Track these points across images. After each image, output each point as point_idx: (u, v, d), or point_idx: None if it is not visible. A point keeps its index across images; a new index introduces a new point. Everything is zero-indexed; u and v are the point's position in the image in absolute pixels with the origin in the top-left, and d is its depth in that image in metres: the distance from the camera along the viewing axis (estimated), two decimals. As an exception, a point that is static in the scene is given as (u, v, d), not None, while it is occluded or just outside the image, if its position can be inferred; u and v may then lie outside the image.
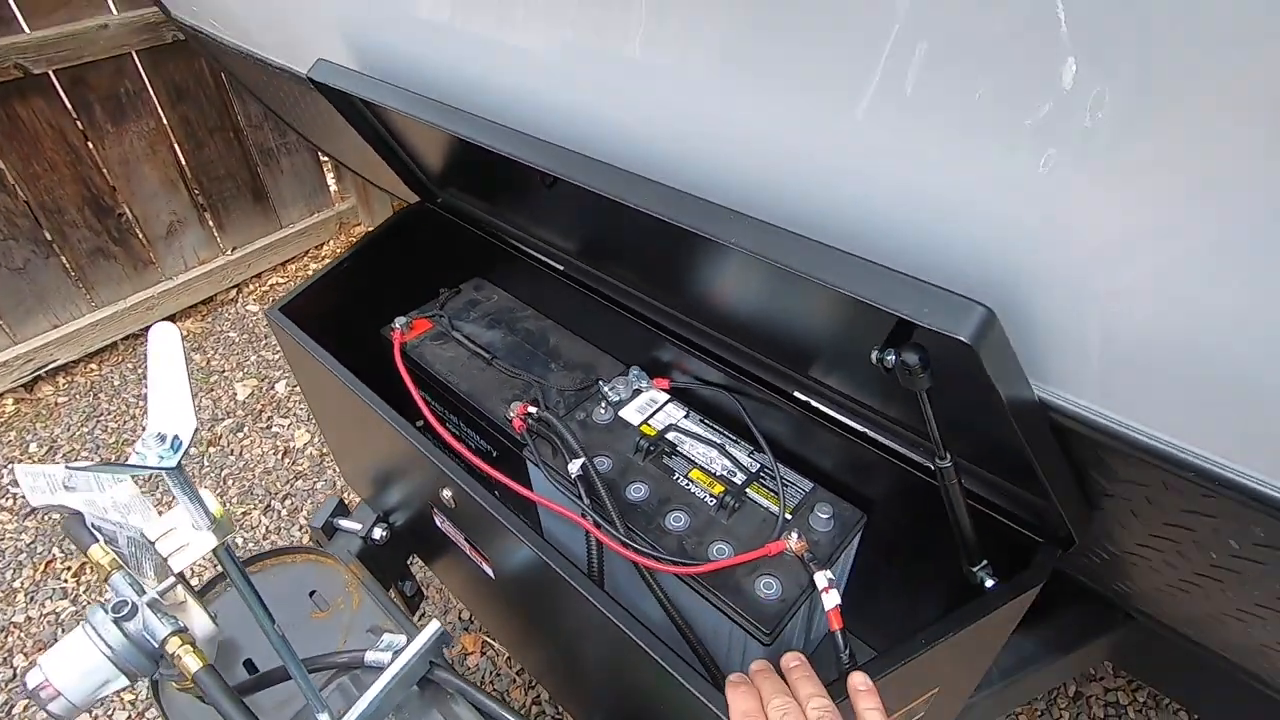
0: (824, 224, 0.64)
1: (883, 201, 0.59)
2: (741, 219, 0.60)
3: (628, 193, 0.64)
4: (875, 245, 0.61)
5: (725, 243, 0.60)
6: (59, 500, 0.77)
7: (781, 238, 0.57)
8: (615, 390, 1.11)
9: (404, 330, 1.24)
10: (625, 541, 0.88)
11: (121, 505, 0.79)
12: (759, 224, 0.60)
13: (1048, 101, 0.46)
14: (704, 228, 0.60)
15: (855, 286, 0.53)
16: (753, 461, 1.02)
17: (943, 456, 0.67)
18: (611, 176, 0.66)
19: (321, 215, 3.15)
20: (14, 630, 1.90)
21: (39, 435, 2.40)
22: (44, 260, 2.41)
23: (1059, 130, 0.46)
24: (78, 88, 2.29)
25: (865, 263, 0.54)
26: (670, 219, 0.62)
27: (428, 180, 1.31)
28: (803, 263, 0.54)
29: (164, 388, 0.60)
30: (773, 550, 0.87)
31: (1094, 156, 0.46)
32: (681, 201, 0.62)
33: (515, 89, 0.88)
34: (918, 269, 0.53)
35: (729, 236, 0.60)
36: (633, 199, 0.65)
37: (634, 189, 0.65)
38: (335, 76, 0.96)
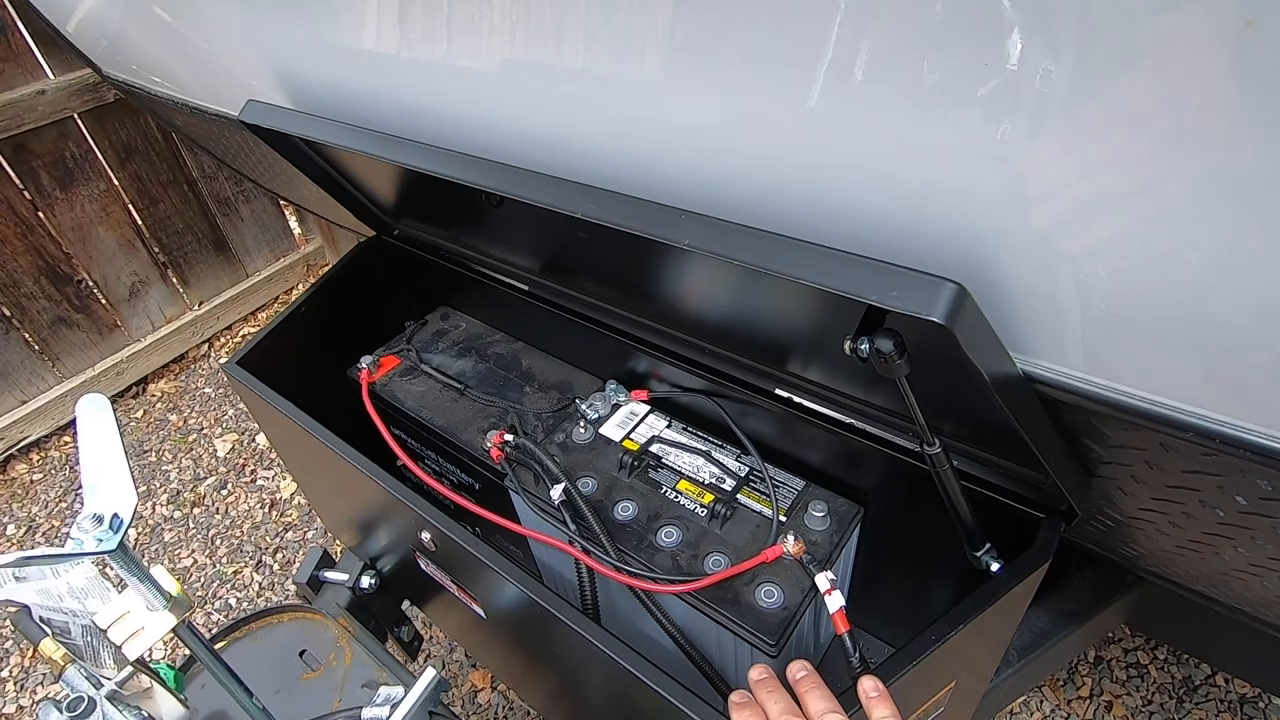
0: (782, 217, 0.61)
1: (839, 187, 0.56)
2: (691, 218, 0.57)
3: (570, 202, 0.61)
4: (836, 233, 0.59)
5: (677, 243, 0.57)
6: (8, 594, 0.72)
7: (733, 233, 0.54)
8: (593, 407, 1.08)
9: (371, 369, 1.20)
10: (617, 565, 0.85)
11: (78, 590, 0.75)
12: (710, 221, 0.57)
13: (998, 70, 0.43)
14: (653, 230, 0.57)
15: (815, 276, 0.50)
16: (741, 465, 0.98)
17: (931, 443, 0.64)
18: (554, 188, 0.63)
19: (287, 260, 3.10)
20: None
21: (16, 516, 2.33)
22: (3, 336, 2.35)
23: (1012, 96, 0.44)
24: (20, 155, 2.23)
25: (824, 250, 0.51)
26: (617, 225, 0.59)
27: (381, 213, 1.28)
28: (758, 256, 0.51)
29: (97, 463, 0.56)
30: (770, 556, 0.84)
31: (1049, 120, 0.43)
32: (627, 206, 0.59)
33: (453, 110, 0.85)
34: (882, 253, 0.50)
35: (680, 237, 0.57)
36: (577, 208, 0.61)
37: (577, 198, 0.61)
38: (268, 116, 0.93)
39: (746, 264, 0.52)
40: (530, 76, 0.71)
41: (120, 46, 1.41)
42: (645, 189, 0.67)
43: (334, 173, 1.15)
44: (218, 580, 2.12)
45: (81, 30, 1.45)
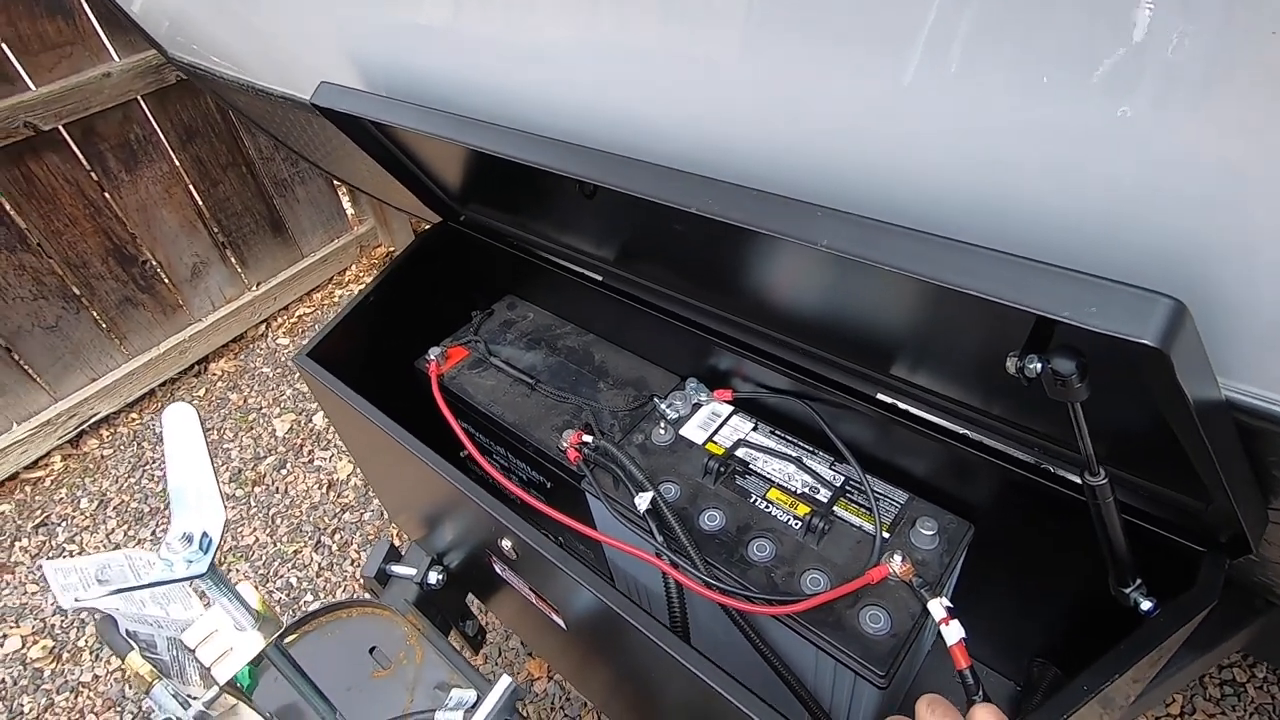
0: (925, 215, 0.53)
1: (1007, 184, 0.48)
2: (829, 215, 0.50)
3: (687, 197, 0.55)
4: (997, 237, 0.51)
5: (812, 245, 0.50)
6: (92, 599, 0.70)
7: (883, 234, 0.47)
8: (673, 407, 1.02)
9: (439, 361, 1.16)
10: (708, 581, 0.79)
11: (159, 595, 0.73)
12: (851, 219, 0.49)
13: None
14: (784, 229, 0.50)
15: (993, 287, 0.42)
16: (836, 474, 0.92)
17: (1095, 472, 0.56)
18: (667, 180, 0.56)
19: (341, 241, 3.11)
20: (83, 690, 1.89)
21: (89, 490, 2.40)
22: (75, 315, 2.41)
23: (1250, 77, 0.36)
24: (89, 139, 2.26)
25: (1001, 257, 0.43)
26: (740, 222, 0.52)
27: (447, 198, 1.23)
28: (918, 263, 0.44)
29: (185, 477, 0.53)
30: (875, 577, 0.77)
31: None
32: (752, 201, 0.52)
33: (536, 93, 0.79)
34: (1057, 259, 0.42)
35: (816, 237, 0.50)
36: (693, 203, 0.55)
37: (695, 192, 0.55)
38: (341, 99, 0.88)
39: (902, 271, 0.45)
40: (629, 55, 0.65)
41: (184, 27, 1.39)
42: (754, 178, 0.60)
43: (402, 157, 1.11)
44: (279, 559, 2.15)
45: (146, 11, 1.43)
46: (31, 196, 2.19)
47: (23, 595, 2.11)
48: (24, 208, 2.19)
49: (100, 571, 0.75)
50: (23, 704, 1.86)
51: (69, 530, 2.28)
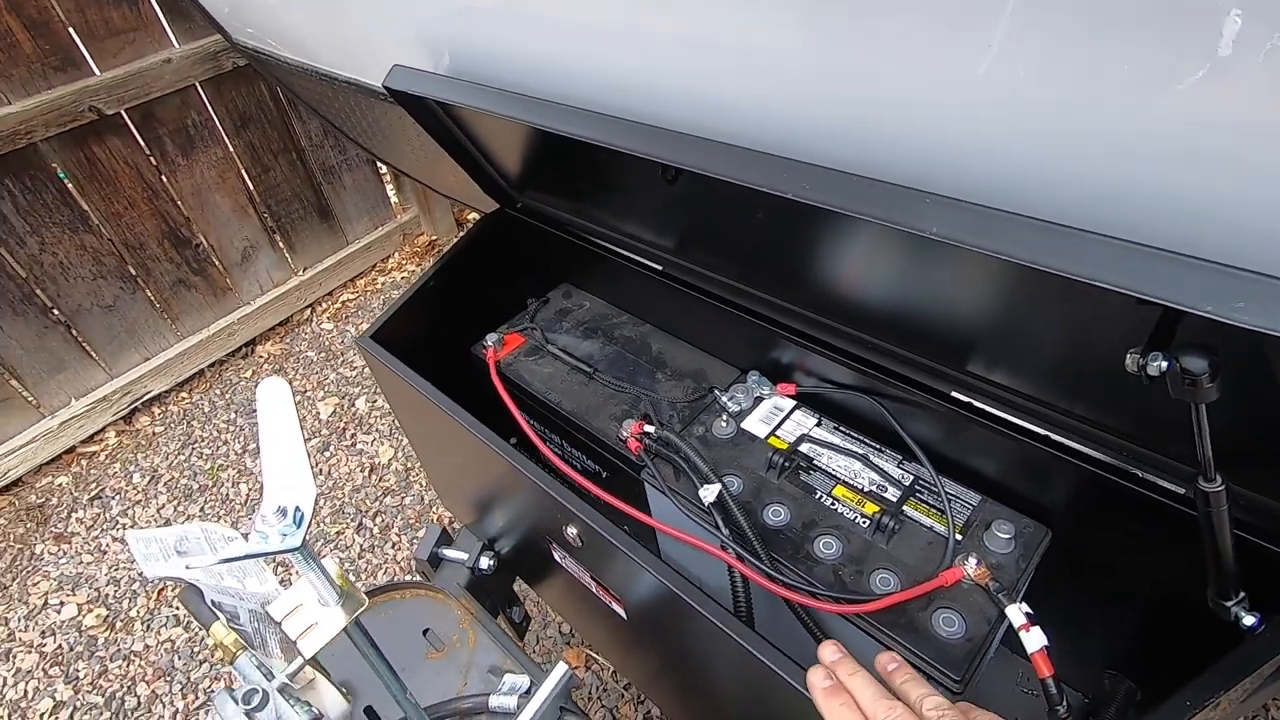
0: (1034, 200, 0.51)
1: (1132, 169, 0.46)
2: (937, 202, 0.48)
3: (787, 183, 0.53)
4: (1114, 224, 0.49)
5: (921, 232, 0.48)
6: (172, 569, 0.72)
7: (998, 222, 0.45)
8: (734, 399, 1.00)
9: (496, 348, 1.16)
10: (774, 575, 0.78)
11: (237, 567, 0.74)
12: (962, 206, 0.48)
13: None
14: (889, 216, 0.49)
15: (1128, 280, 0.40)
16: (904, 473, 0.90)
17: (1211, 478, 0.53)
18: (766, 166, 0.55)
19: (385, 228, 3.15)
20: (134, 659, 1.95)
21: (140, 465, 2.47)
22: (131, 296, 2.47)
23: None
24: (148, 123, 2.31)
25: (1132, 248, 0.41)
26: (847, 210, 0.50)
27: (506, 185, 1.23)
28: (1041, 253, 0.42)
29: (278, 451, 0.53)
30: (948, 579, 0.75)
31: None
32: (858, 189, 0.51)
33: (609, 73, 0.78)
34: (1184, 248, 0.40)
35: (925, 224, 0.48)
36: (793, 190, 0.53)
37: (795, 178, 0.53)
38: (414, 82, 0.88)
39: (1024, 262, 0.43)
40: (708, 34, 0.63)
41: (248, 12, 1.41)
42: (838, 161, 0.59)
43: (466, 142, 1.11)
44: (322, 539, 2.19)
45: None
46: (94, 179, 2.26)
47: (79, 565, 2.18)
48: (86, 189, 2.26)
49: (179, 543, 0.76)
50: (78, 669, 1.92)
51: (122, 504, 2.35)
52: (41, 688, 1.89)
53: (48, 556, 2.20)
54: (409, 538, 2.18)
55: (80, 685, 1.89)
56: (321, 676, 0.63)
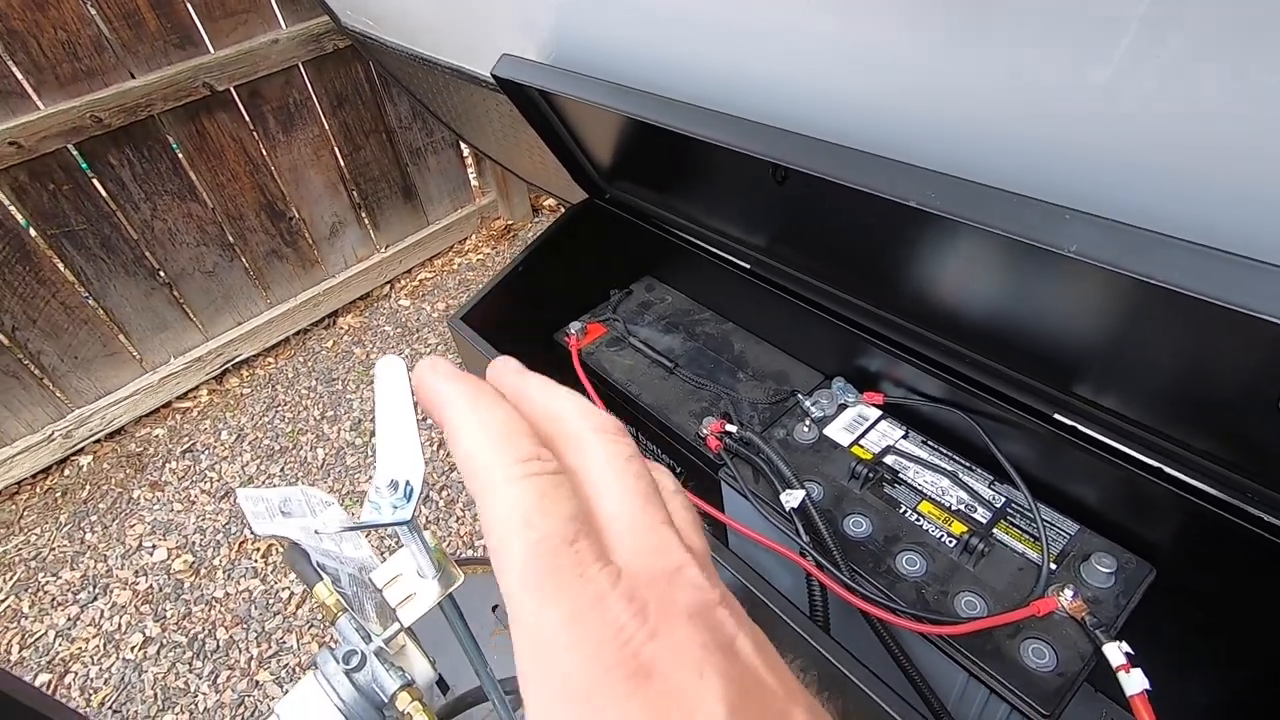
0: (1187, 220, 0.48)
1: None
2: (1087, 221, 0.46)
3: (912, 191, 0.52)
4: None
5: (1058, 250, 0.46)
6: (277, 527, 0.76)
7: (1163, 248, 0.43)
8: (818, 405, 0.99)
9: (579, 336, 1.18)
10: (854, 587, 0.76)
11: (333, 535, 0.77)
12: (1108, 226, 0.45)
13: None
14: (1031, 235, 0.46)
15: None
16: (995, 494, 0.86)
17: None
18: (892, 173, 0.54)
19: (464, 211, 3.23)
20: (215, 604, 2.08)
21: (229, 424, 2.62)
22: (229, 263, 2.62)
23: None
24: (254, 100, 2.44)
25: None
26: (979, 223, 0.48)
27: (598, 175, 1.24)
28: (1210, 285, 0.40)
29: (392, 427, 0.55)
30: (1041, 609, 0.72)
31: None
32: (991, 202, 0.49)
33: (718, 66, 0.77)
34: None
35: (1063, 242, 0.46)
36: (918, 198, 0.52)
37: (920, 186, 0.52)
38: (522, 72, 0.90)
39: (1178, 288, 0.41)
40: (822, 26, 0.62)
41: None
42: (960, 167, 0.56)
43: (563, 130, 1.12)
44: (391, 508, 2.27)
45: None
46: (203, 151, 2.39)
47: (170, 512, 2.34)
48: (195, 161, 2.40)
49: (283, 504, 0.80)
50: (165, 610, 2.06)
51: (210, 459, 2.50)
52: (133, 623, 2.04)
53: (143, 502, 2.37)
54: (471, 513, 2.24)
55: (167, 624, 2.03)
56: (413, 644, 0.65)
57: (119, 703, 1.87)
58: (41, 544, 2.28)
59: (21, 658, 1.98)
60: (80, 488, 2.44)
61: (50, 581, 2.17)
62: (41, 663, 1.97)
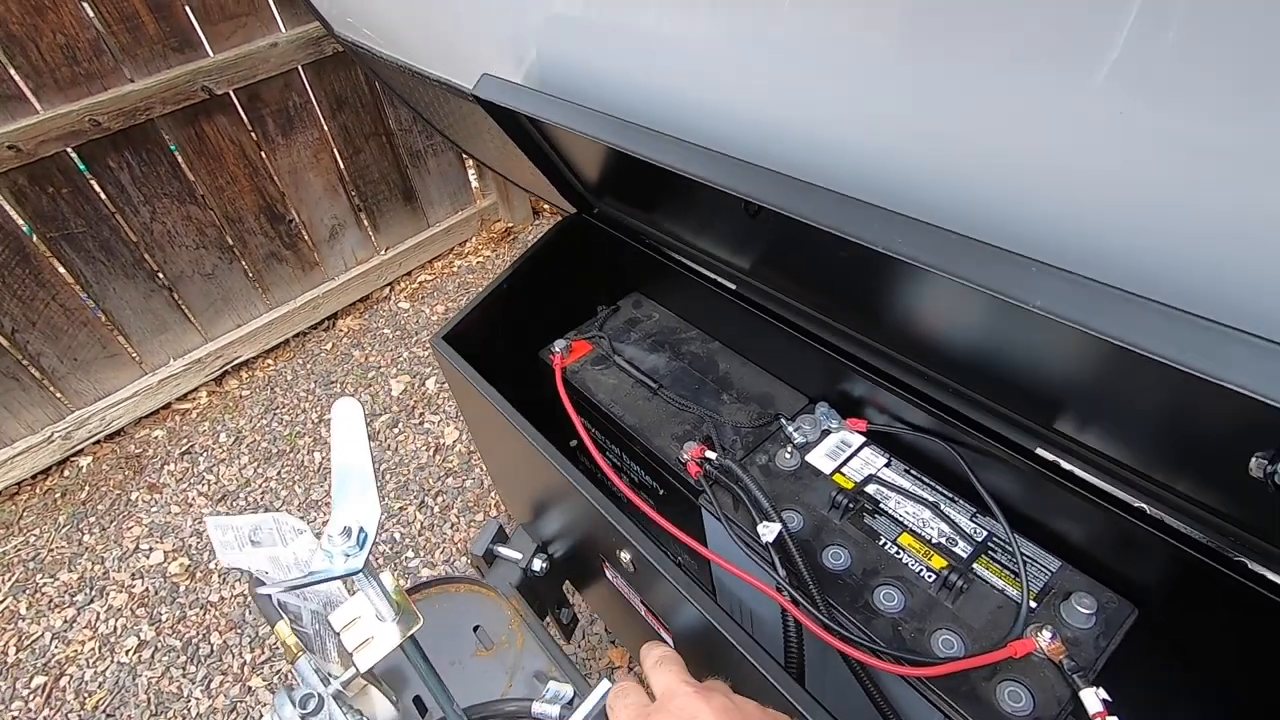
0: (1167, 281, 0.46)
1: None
2: (1046, 273, 0.45)
3: (878, 235, 0.50)
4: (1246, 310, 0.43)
5: (1024, 304, 0.45)
6: (245, 558, 0.75)
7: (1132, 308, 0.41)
8: (800, 430, 0.97)
9: (564, 354, 1.17)
10: (831, 626, 0.75)
11: (303, 562, 0.77)
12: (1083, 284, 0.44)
13: None
14: (997, 288, 0.45)
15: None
16: (977, 528, 0.85)
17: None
18: (857, 215, 0.52)
19: (465, 213, 3.22)
20: (210, 609, 2.08)
21: (227, 426, 2.63)
22: (229, 266, 2.62)
23: None
24: (253, 104, 2.44)
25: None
26: (944, 271, 0.47)
27: (585, 191, 1.23)
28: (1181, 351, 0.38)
29: (347, 470, 0.54)
30: (1019, 650, 0.71)
31: None
32: (955, 250, 0.47)
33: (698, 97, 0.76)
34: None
35: (1028, 297, 0.45)
36: (884, 243, 0.50)
37: (886, 230, 0.50)
38: (501, 93, 0.88)
39: (1145, 351, 0.39)
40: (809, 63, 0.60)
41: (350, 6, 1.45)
42: (933, 211, 0.55)
43: (549, 149, 1.11)
44: (385, 513, 2.27)
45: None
46: (202, 154, 2.39)
47: (167, 514, 2.35)
48: (195, 164, 2.40)
49: (253, 532, 0.80)
50: (160, 613, 2.07)
51: (209, 461, 2.51)
52: (129, 626, 2.05)
53: (141, 504, 2.38)
54: (466, 519, 2.24)
55: (162, 628, 2.04)
56: (374, 687, 0.65)
57: (113, 707, 1.88)
58: (40, 545, 2.29)
59: (18, 659, 2.00)
60: (79, 489, 2.45)
61: (48, 583, 2.19)
62: (38, 665, 1.98)
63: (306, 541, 0.79)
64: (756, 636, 0.68)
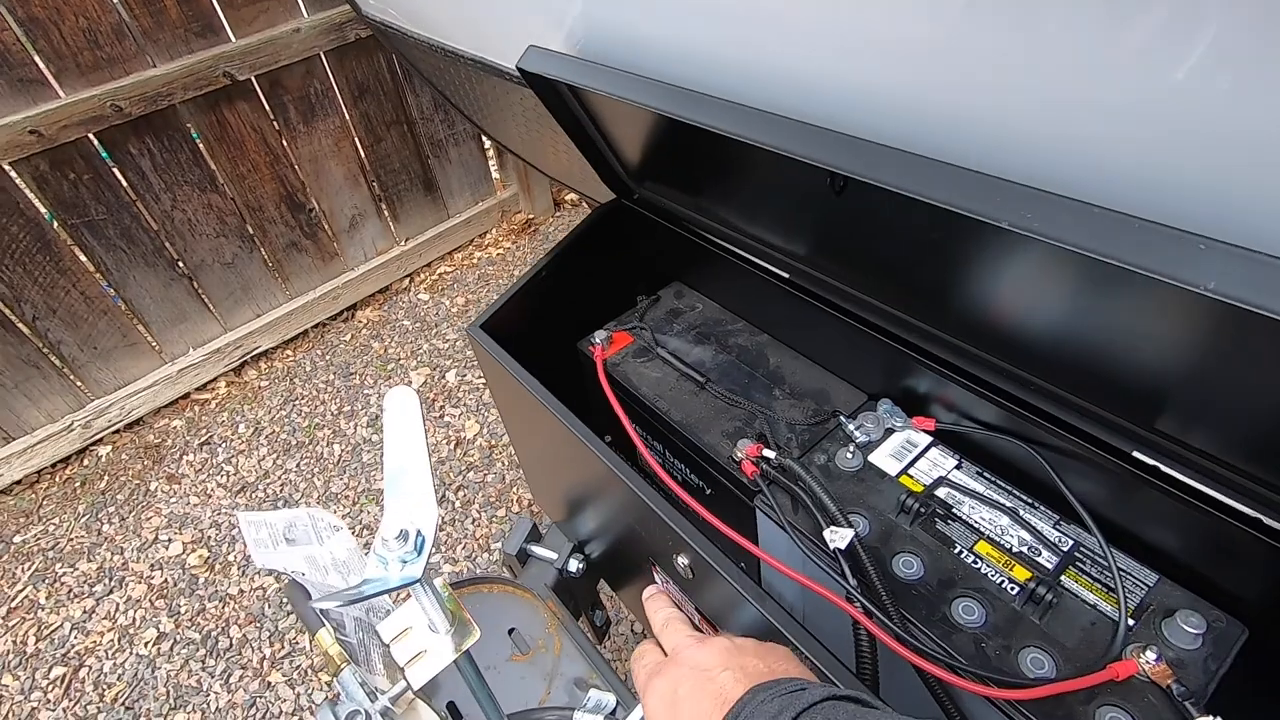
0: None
1: None
2: (1228, 254, 0.38)
3: (1007, 212, 0.44)
4: None
5: (1193, 287, 0.38)
6: (281, 558, 0.70)
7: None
8: (862, 428, 0.91)
9: (604, 345, 1.11)
10: (908, 640, 0.69)
11: (340, 563, 0.72)
12: (1266, 261, 0.37)
13: None
14: (1162, 269, 0.39)
15: None
16: (1062, 536, 0.78)
17: None
18: (981, 189, 0.46)
19: (485, 204, 3.18)
20: (229, 601, 2.05)
21: (246, 417, 2.60)
22: (248, 255, 2.59)
23: None
24: (275, 90, 2.39)
25: None
26: (1096, 254, 0.41)
27: (626, 175, 1.17)
28: None
29: (402, 467, 0.49)
30: (1120, 672, 0.64)
31: None
32: (1109, 228, 0.41)
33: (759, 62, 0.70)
34: None
35: (1201, 279, 0.38)
36: (1011, 219, 0.44)
37: (1017, 206, 0.44)
38: (550, 65, 0.83)
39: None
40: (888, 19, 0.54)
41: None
42: (1047, 182, 0.49)
43: (592, 128, 1.05)
44: (406, 508, 2.23)
45: (349, -34, 1.46)
46: (223, 141, 2.36)
47: (186, 505, 2.32)
48: (216, 151, 2.36)
49: (288, 529, 0.75)
50: (179, 605, 2.04)
51: (227, 451, 2.48)
52: (148, 617, 2.02)
53: (160, 494, 2.35)
54: (488, 515, 2.20)
55: (181, 620, 2.01)
56: (421, 702, 0.60)
57: (131, 699, 1.85)
58: (60, 534, 2.27)
59: (38, 649, 1.98)
60: (99, 478, 2.43)
61: (68, 573, 2.16)
62: (57, 655, 1.96)
63: (344, 540, 0.74)
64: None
